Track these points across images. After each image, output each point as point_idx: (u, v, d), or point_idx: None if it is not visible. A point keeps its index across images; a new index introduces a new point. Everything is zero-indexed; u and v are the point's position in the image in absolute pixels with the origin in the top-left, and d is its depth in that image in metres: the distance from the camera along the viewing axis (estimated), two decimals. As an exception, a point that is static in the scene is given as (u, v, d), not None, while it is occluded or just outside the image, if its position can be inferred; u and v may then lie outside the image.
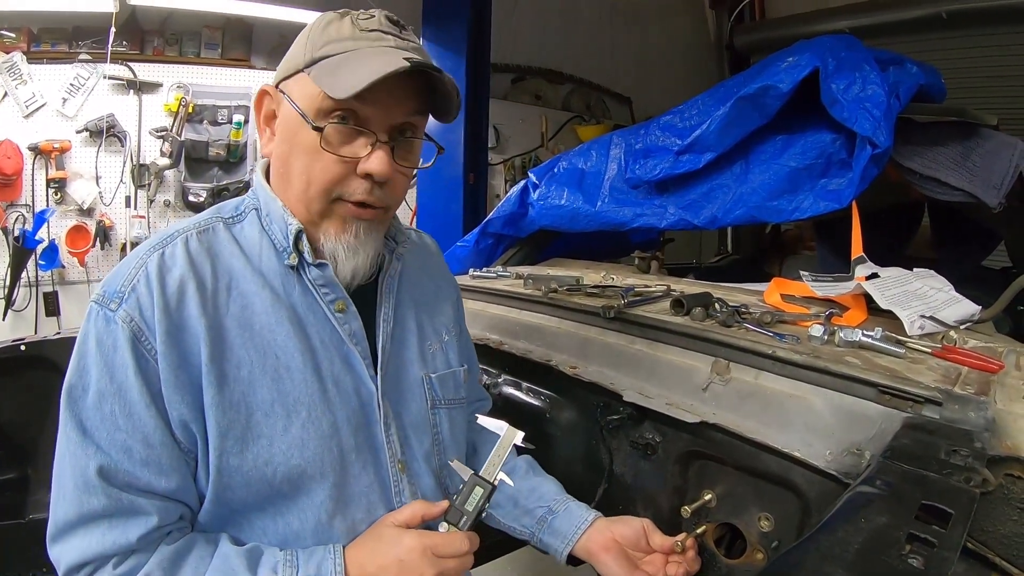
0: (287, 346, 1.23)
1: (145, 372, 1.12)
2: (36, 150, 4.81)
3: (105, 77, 5.08)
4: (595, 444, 1.88)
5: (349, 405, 1.29)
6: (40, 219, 4.70)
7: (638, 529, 1.49)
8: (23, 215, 4.80)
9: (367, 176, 1.22)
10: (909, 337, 1.64)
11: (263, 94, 1.32)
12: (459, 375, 1.54)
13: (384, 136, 1.23)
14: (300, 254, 1.26)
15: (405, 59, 1.15)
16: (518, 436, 1.36)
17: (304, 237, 1.25)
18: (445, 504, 1.29)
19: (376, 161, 1.21)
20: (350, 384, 1.29)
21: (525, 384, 2.09)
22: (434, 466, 1.44)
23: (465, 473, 1.31)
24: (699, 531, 1.58)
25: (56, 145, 4.84)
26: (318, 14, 1.25)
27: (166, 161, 5.20)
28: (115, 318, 1.13)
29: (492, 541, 1.80)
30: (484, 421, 1.41)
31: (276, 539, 1.23)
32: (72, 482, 1.12)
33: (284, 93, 1.26)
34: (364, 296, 1.36)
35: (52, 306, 5.01)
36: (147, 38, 5.33)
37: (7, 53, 4.73)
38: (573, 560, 1.56)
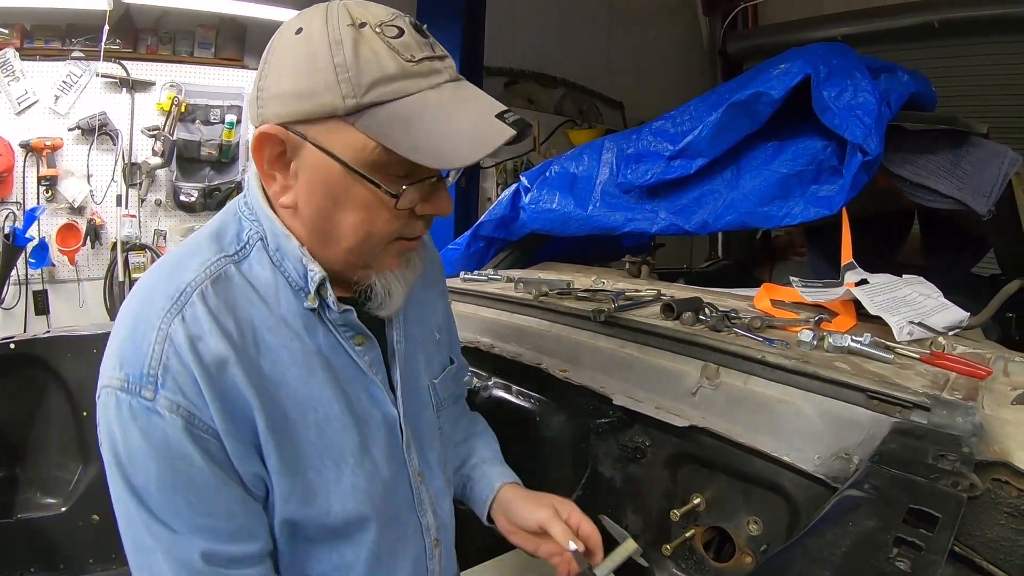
0: (323, 396, 1.18)
1: (209, 453, 1.06)
2: (28, 147, 4.79)
3: (98, 75, 5.07)
4: (584, 447, 1.88)
5: (381, 437, 1.28)
6: (31, 217, 4.68)
7: (535, 522, 1.48)
8: (14, 213, 4.79)
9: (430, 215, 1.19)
10: (898, 343, 1.65)
11: (266, 137, 1.08)
12: (452, 371, 1.55)
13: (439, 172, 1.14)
14: (322, 299, 1.17)
15: (498, 117, 1.07)
16: (636, 551, 1.47)
17: (327, 284, 1.16)
18: None
19: (444, 203, 1.18)
20: (377, 415, 1.28)
21: (515, 387, 2.09)
22: (442, 466, 1.47)
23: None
24: (688, 534, 1.59)
25: (48, 143, 4.83)
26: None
27: (158, 160, 5.19)
28: (157, 407, 1.02)
29: (481, 545, 1.80)
30: (608, 525, 1.57)
31: (328, 566, 1.26)
32: (175, 573, 1.09)
33: (307, 139, 1.06)
34: (370, 318, 1.27)
35: (42, 304, 4.99)
36: (140, 36, 5.32)
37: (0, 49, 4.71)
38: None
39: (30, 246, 4.74)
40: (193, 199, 5.40)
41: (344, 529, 1.24)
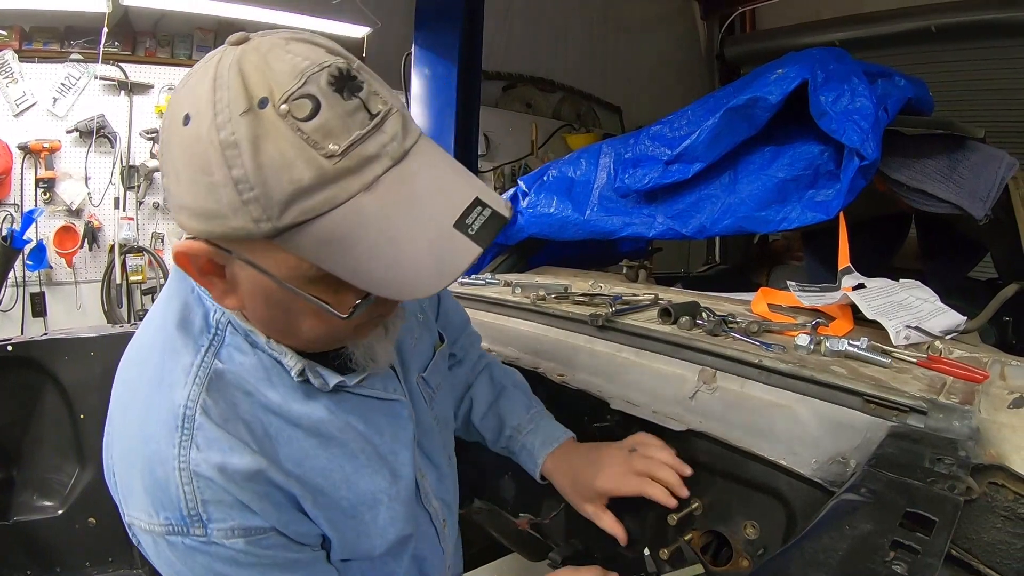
0: (344, 454, 1.17)
1: (277, 546, 1.07)
2: (26, 149, 4.81)
3: (96, 77, 5.09)
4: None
5: (404, 456, 1.29)
6: (28, 219, 4.68)
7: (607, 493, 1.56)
8: (11, 214, 4.80)
9: None
10: (895, 347, 1.65)
11: (186, 256, 0.94)
12: (442, 351, 1.53)
13: None
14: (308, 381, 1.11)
15: (460, 224, 0.89)
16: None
17: (310, 368, 1.10)
18: None
19: (400, 311, 1.17)
20: (400, 434, 1.29)
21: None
22: (441, 452, 1.48)
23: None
24: (685, 539, 1.59)
25: (46, 145, 4.84)
26: (311, 19, 1.11)
27: (156, 163, 5.18)
28: (212, 539, 1.00)
29: (477, 549, 1.80)
30: (684, 547, 1.57)
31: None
32: None
33: (234, 255, 0.94)
34: None
35: (39, 307, 5.00)
36: (139, 39, 5.34)
37: (-2, 51, 4.71)
38: None
39: (28, 248, 4.74)
40: (191, 202, 5.37)
41: (389, 552, 1.27)
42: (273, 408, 1.08)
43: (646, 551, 1.58)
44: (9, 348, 2.28)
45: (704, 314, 1.90)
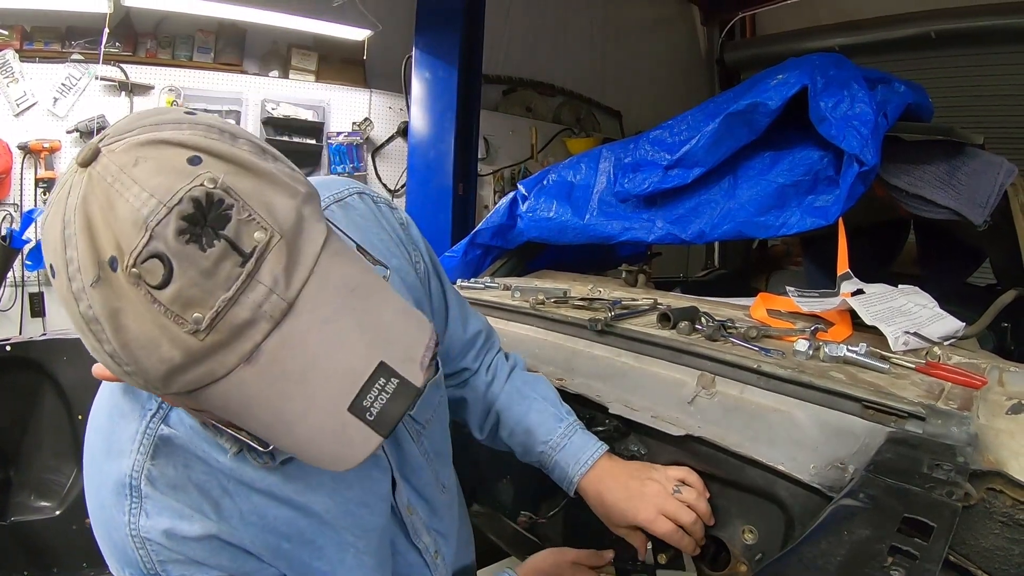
0: (304, 513, 1.15)
1: None
2: (26, 149, 4.82)
3: (97, 78, 5.09)
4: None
5: (377, 508, 1.28)
6: (28, 219, 4.67)
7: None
8: (11, 214, 4.81)
9: None
10: (893, 353, 1.65)
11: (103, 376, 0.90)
12: (432, 382, 1.44)
13: None
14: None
15: (355, 406, 0.79)
16: None
17: (249, 450, 1.04)
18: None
19: None
20: (372, 487, 1.27)
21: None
22: (434, 482, 1.46)
23: None
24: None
25: (46, 145, 4.85)
26: (311, 21, 1.00)
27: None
28: None
29: (480, 551, 1.80)
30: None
31: None
32: None
33: None
34: None
35: (38, 307, 4.98)
36: (140, 40, 5.36)
37: (-1, 51, 4.71)
38: None
39: (27, 248, 4.72)
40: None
41: None
42: (226, 471, 1.06)
43: (648, 544, 1.58)
44: (8, 348, 2.29)
45: (703, 319, 1.90)
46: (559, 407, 1.67)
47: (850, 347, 1.62)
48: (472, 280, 2.80)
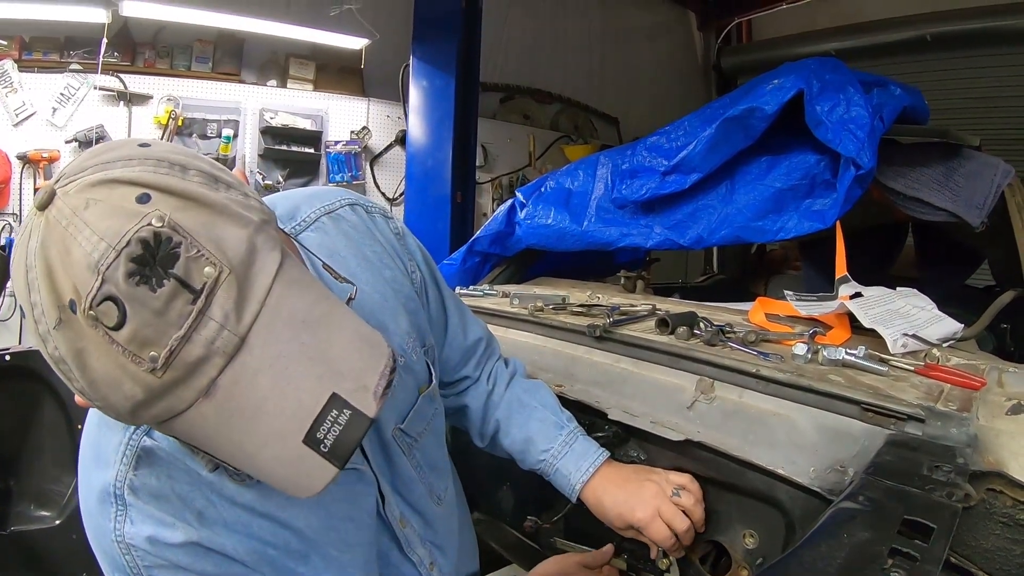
0: (287, 528, 1.15)
1: None
2: (25, 159, 4.84)
3: (95, 88, 5.11)
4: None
5: (363, 522, 1.28)
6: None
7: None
8: (10, 224, 4.82)
9: None
10: (892, 355, 1.65)
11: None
12: (425, 396, 1.42)
13: None
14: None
15: (310, 438, 0.80)
16: None
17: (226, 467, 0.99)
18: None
19: None
20: (358, 501, 1.26)
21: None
22: (428, 492, 1.45)
23: None
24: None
25: (45, 154, 4.87)
26: (309, 31, 1.00)
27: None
28: None
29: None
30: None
31: None
32: None
33: None
34: None
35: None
36: (139, 50, 5.38)
37: (-3, 61, 4.72)
38: None
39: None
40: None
41: None
42: (208, 483, 1.07)
43: (662, 562, 1.58)
44: (7, 358, 2.28)
45: (702, 324, 1.90)
46: (559, 414, 1.67)
47: (849, 350, 1.62)
48: (471, 287, 2.80)
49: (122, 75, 5.25)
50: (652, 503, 1.49)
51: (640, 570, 1.67)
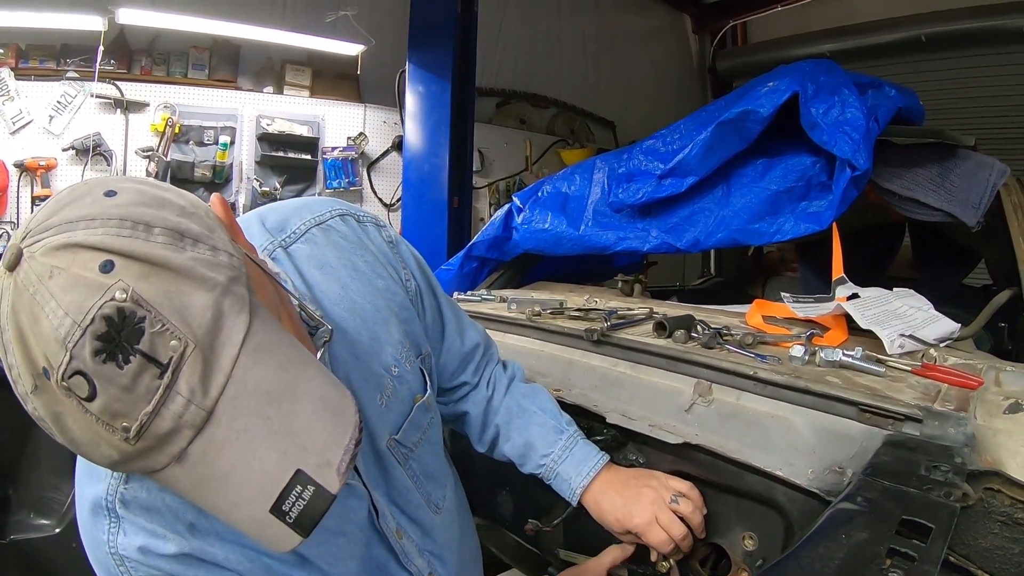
0: None
1: None
2: (22, 167, 4.85)
3: (92, 95, 5.13)
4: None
5: (355, 537, 1.27)
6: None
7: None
8: (8, 232, 4.82)
9: None
10: (889, 356, 1.65)
11: None
12: (420, 406, 1.41)
13: None
14: None
15: (277, 508, 0.81)
16: None
17: None
18: None
19: None
20: (349, 515, 1.26)
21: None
22: (426, 500, 1.45)
23: None
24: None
25: (42, 163, 4.88)
26: (305, 37, 0.98)
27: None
28: None
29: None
30: None
31: None
32: None
33: None
34: None
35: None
36: (135, 57, 5.39)
37: (-6, 70, 4.73)
38: None
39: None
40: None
41: None
42: None
43: (662, 565, 1.58)
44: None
45: (699, 327, 1.90)
46: (559, 418, 1.66)
47: (846, 351, 1.62)
48: (468, 293, 2.80)
49: (118, 83, 5.26)
50: (650, 509, 1.49)
51: (640, 574, 1.67)
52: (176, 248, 0.80)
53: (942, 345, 1.77)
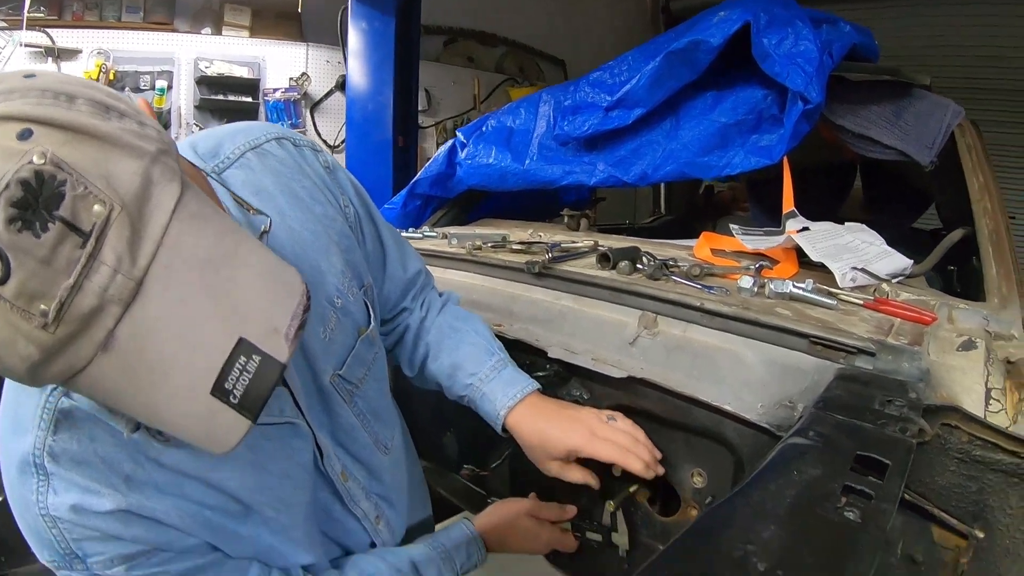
0: (217, 490, 1.07)
1: (166, 565, 1.03)
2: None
3: (22, 44, 4.96)
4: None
5: (300, 480, 1.21)
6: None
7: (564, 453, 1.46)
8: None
9: None
10: (841, 289, 1.63)
11: None
12: (364, 339, 1.34)
13: None
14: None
15: (218, 389, 0.75)
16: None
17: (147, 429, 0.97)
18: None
19: None
20: (294, 456, 1.19)
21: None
22: (372, 440, 1.40)
23: None
24: (631, 489, 1.54)
25: (-31, 114, 4.69)
26: None
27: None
28: (96, 570, 0.97)
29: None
30: None
31: None
32: None
33: None
34: None
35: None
36: (66, 3, 5.25)
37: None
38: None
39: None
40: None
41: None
42: (132, 444, 0.98)
43: (609, 504, 1.54)
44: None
45: (644, 259, 1.86)
46: (491, 342, 1.59)
47: (796, 283, 1.59)
48: (411, 230, 2.72)
49: (49, 30, 5.11)
50: (585, 424, 1.43)
51: (585, 529, 1.64)
52: (101, 118, 0.72)
53: (894, 281, 1.75)
